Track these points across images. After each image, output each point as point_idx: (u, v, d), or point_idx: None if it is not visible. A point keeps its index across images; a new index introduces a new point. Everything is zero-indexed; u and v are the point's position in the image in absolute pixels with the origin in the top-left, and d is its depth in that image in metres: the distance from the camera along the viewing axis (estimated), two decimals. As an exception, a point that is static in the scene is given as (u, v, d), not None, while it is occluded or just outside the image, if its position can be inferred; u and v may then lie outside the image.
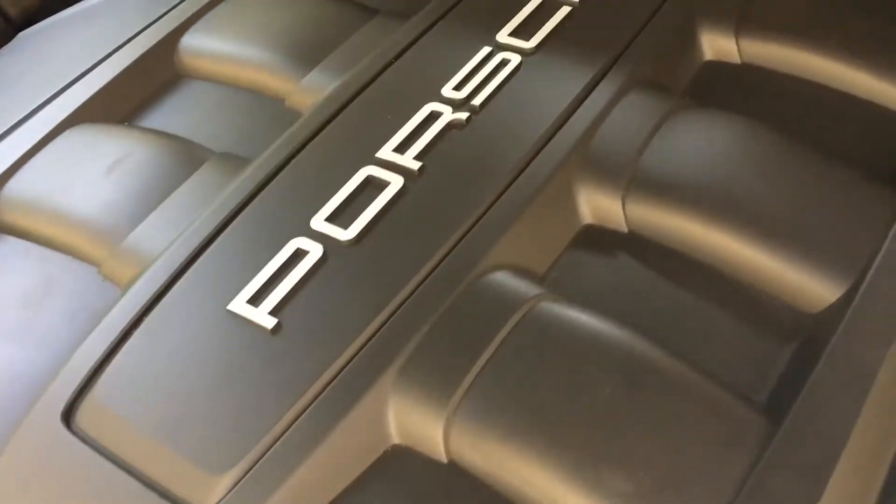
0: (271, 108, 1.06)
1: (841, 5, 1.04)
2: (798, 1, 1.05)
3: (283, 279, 0.80)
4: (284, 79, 1.07)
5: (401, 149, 0.90)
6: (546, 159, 0.88)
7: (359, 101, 0.98)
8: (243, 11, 1.19)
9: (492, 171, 0.88)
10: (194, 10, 1.18)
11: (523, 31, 1.03)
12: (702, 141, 0.90)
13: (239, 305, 0.79)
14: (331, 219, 0.85)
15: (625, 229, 0.86)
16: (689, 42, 1.04)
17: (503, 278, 0.80)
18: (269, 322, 0.78)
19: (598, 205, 0.87)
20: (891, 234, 0.78)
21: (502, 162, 0.88)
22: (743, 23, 1.03)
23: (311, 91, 1.04)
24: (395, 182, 0.87)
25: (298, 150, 0.93)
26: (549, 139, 0.90)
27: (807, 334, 0.76)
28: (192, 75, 1.14)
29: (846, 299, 0.76)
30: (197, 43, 1.15)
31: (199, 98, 1.11)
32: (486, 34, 1.03)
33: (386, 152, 0.90)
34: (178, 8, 1.20)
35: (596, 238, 0.87)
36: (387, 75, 1.01)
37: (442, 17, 1.08)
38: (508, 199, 0.85)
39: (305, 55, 1.08)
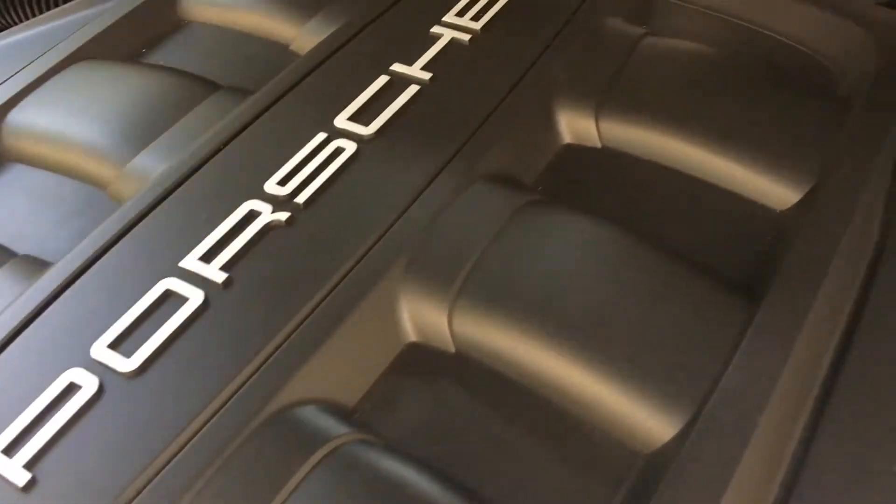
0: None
1: (704, 89, 0.97)
2: (660, 84, 0.98)
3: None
4: (106, 164, 0.97)
5: (208, 257, 0.80)
6: (369, 267, 0.79)
7: (175, 195, 0.88)
8: (75, 86, 1.09)
9: (305, 283, 0.78)
10: (23, 85, 1.08)
11: (364, 115, 0.94)
12: (543, 248, 0.81)
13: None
14: (114, 345, 0.74)
15: (451, 350, 0.77)
16: (547, 124, 0.96)
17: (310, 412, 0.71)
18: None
19: (423, 322, 0.78)
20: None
21: (318, 274, 0.78)
22: (603, 105, 0.95)
23: (134, 178, 0.94)
24: (195, 298, 0.77)
25: (99, 257, 0.83)
26: (376, 242, 0.81)
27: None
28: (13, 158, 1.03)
29: (680, 436, 0.68)
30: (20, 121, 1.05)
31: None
32: (323, 118, 0.94)
33: (191, 261, 0.80)
34: (6, 83, 1.09)
35: (421, 358, 0.78)
36: (210, 166, 0.91)
37: (280, 97, 0.98)
38: (318, 318, 0.75)
39: (132, 137, 0.98)
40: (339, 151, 0.90)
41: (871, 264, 0.79)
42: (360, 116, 0.94)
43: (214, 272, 0.79)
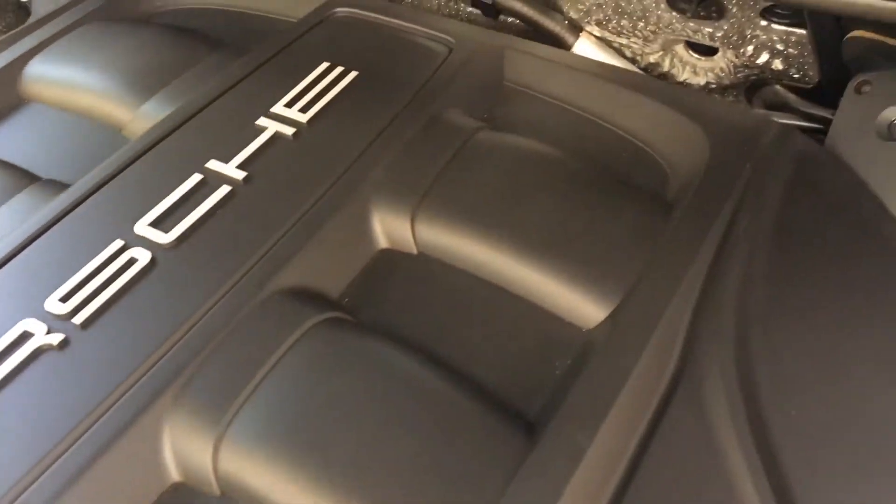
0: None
1: (523, 194, 0.93)
2: (480, 187, 0.94)
3: None
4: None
5: (-33, 387, 0.76)
6: (141, 394, 0.75)
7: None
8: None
9: (60, 424, 0.73)
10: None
11: (167, 220, 0.90)
12: (325, 376, 0.77)
13: None
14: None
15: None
16: (362, 228, 0.92)
17: None
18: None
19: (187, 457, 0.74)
20: None
21: (82, 410, 0.74)
22: (420, 209, 0.92)
23: None
24: None
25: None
26: (147, 372, 0.76)
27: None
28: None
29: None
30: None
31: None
32: (124, 223, 0.89)
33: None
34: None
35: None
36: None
37: (87, 197, 0.94)
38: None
39: None
40: (131, 262, 0.85)
41: (665, 396, 0.76)
42: (163, 222, 0.90)
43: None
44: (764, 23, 1.13)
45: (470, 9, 1.39)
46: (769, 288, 0.84)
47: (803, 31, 1.12)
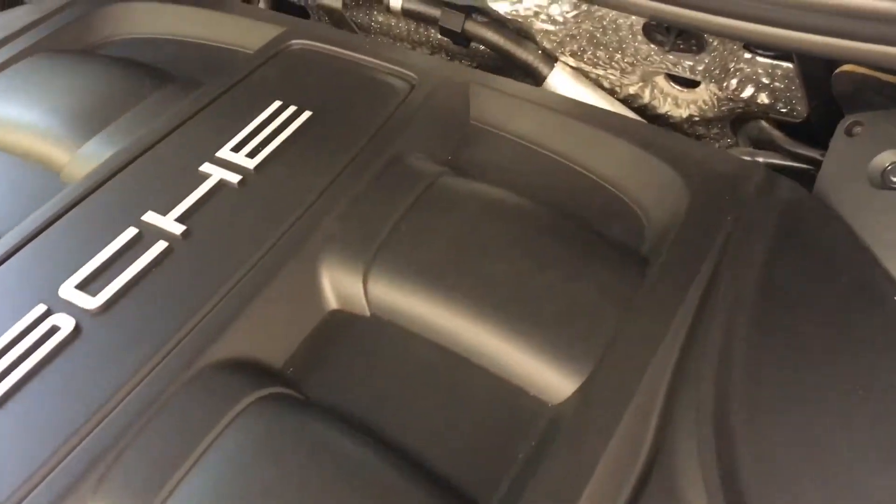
0: None
1: (484, 250, 0.85)
2: (438, 242, 0.86)
3: None
4: None
5: None
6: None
7: None
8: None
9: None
10: None
11: (95, 282, 0.82)
12: (256, 464, 0.70)
13: None
14: None
15: None
16: (311, 287, 0.85)
17: None
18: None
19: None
20: None
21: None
22: (374, 266, 0.84)
23: None
24: None
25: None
26: (63, 460, 0.69)
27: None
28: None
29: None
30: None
31: None
32: (48, 286, 0.82)
33: None
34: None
35: None
36: None
37: (11, 255, 0.86)
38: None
39: None
40: (53, 331, 0.78)
41: (638, 486, 0.68)
42: (91, 284, 0.82)
43: None
44: (748, 55, 1.06)
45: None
46: (752, 357, 0.77)
47: (790, 65, 1.04)
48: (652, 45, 1.09)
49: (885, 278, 0.82)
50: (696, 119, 1.22)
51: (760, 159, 1.08)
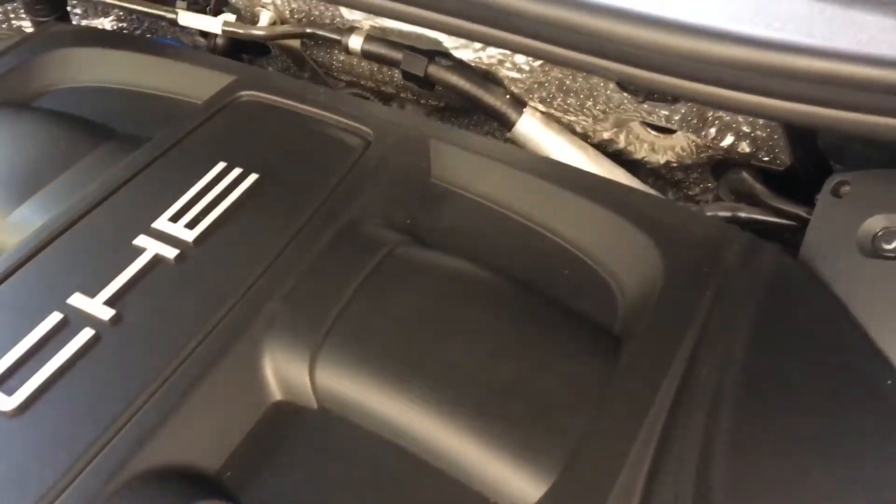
0: None
1: (441, 335, 0.78)
2: (390, 325, 0.79)
3: None
4: None
5: None
6: None
7: None
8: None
9: None
10: None
11: (10, 381, 0.74)
12: None
13: None
14: None
15: None
16: (252, 377, 0.77)
17: None
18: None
19: None
20: None
21: None
22: (321, 352, 0.77)
23: None
24: None
25: None
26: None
27: None
28: None
29: None
30: None
31: None
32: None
33: None
34: None
35: None
36: None
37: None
38: None
39: None
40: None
41: None
42: (7, 381, 0.74)
43: None
44: (727, 103, 0.99)
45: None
46: (736, 452, 0.70)
47: (771, 114, 0.98)
48: (625, 94, 1.03)
49: (877, 360, 0.75)
50: (675, 165, 1.15)
51: (742, 214, 1.01)
